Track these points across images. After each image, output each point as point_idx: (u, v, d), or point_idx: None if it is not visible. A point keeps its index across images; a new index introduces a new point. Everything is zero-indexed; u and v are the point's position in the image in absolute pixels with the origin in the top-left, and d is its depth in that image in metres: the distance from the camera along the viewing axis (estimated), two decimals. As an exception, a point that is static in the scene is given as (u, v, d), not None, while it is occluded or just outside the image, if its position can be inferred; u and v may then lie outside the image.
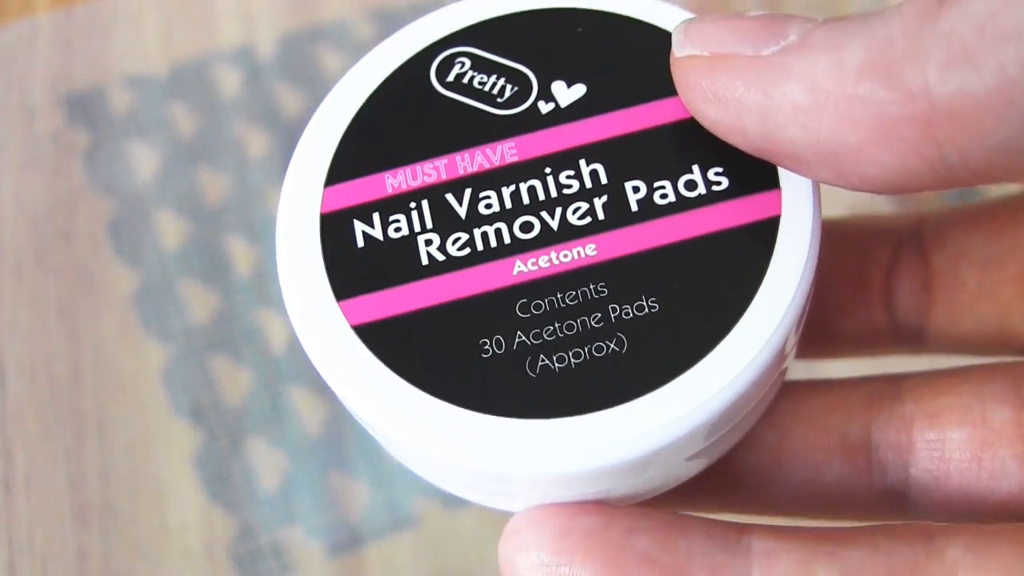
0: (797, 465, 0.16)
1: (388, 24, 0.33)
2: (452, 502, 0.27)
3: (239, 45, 0.33)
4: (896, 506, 0.16)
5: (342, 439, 0.28)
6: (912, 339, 0.18)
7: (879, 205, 0.28)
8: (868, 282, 0.18)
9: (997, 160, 0.11)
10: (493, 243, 0.14)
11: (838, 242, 0.18)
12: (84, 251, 0.30)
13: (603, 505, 0.14)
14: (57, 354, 0.29)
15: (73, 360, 0.29)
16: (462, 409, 0.13)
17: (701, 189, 0.14)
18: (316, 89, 0.32)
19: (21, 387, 0.28)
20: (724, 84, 0.13)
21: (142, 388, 0.29)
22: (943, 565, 0.13)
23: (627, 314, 0.13)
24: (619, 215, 0.14)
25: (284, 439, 0.28)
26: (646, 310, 0.13)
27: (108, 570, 0.26)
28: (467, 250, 0.14)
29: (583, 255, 0.14)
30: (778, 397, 0.16)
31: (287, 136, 0.32)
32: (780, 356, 0.13)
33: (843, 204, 0.22)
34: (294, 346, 0.29)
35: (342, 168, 0.15)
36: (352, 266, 0.14)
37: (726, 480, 0.16)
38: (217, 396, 0.29)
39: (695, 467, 0.15)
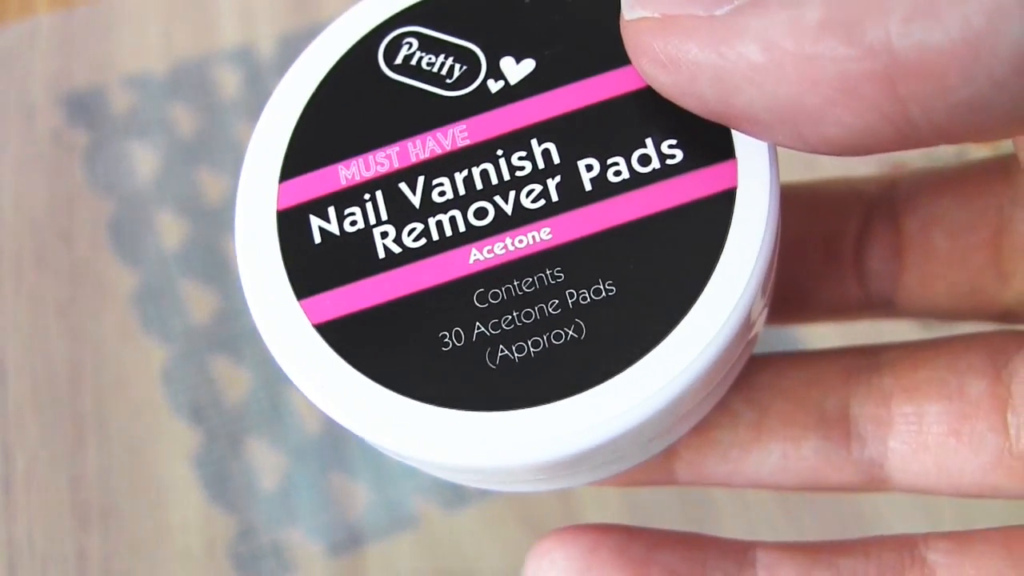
0: (776, 440, 0.16)
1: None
2: (452, 502, 0.27)
3: (239, 45, 0.33)
4: (874, 479, 0.16)
5: (342, 439, 0.28)
6: (884, 305, 0.18)
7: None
8: (839, 247, 0.18)
9: (962, 117, 0.11)
10: (448, 232, 0.14)
11: (809, 206, 0.18)
12: (84, 251, 0.30)
13: (625, 526, 0.15)
14: (57, 354, 0.29)
15: (73, 360, 0.29)
16: (425, 405, 0.13)
17: (655, 163, 0.14)
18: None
19: (21, 387, 0.29)
20: (677, 46, 0.12)
21: (142, 388, 0.29)
22: (925, 568, 0.14)
23: (584, 299, 0.13)
24: (573, 196, 0.14)
25: (284, 439, 0.28)
26: (603, 294, 0.13)
27: (108, 570, 0.26)
28: (423, 241, 0.14)
29: (538, 239, 0.13)
30: (756, 371, 0.16)
31: (287, 136, 0.32)
32: (743, 330, 0.13)
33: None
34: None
35: (295, 162, 0.14)
36: (311, 263, 0.14)
37: (706, 456, 0.16)
38: (217, 396, 0.29)
39: (664, 444, 0.15)
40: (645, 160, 0.14)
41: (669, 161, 0.14)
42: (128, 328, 0.29)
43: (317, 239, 0.14)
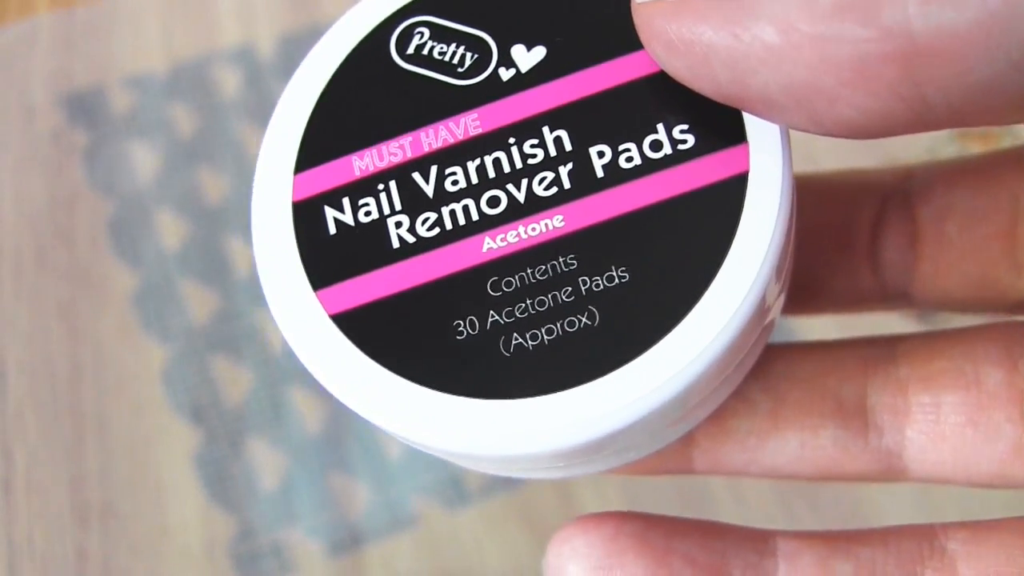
0: (793, 429, 0.16)
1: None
2: (452, 502, 0.27)
3: (239, 45, 0.33)
4: (891, 469, 0.16)
5: (342, 439, 0.28)
6: (899, 296, 0.18)
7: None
8: (854, 238, 0.18)
9: (978, 99, 0.11)
10: (461, 221, 0.14)
11: (823, 197, 0.18)
12: (84, 251, 0.30)
13: (645, 514, 0.15)
14: (57, 354, 0.29)
15: (73, 360, 0.29)
16: (440, 393, 0.13)
17: (667, 149, 0.14)
18: (316, 89, 0.33)
19: (21, 387, 0.29)
20: (690, 28, 0.12)
21: (142, 388, 0.29)
22: (944, 558, 0.14)
23: (597, 286, 0.13)
24: (585, 183, 0.14)
25: (284, 439, 0.28)
26: (616, 280, 0.13)
27: (108, 570, 0.26)
28: (436, 230, 0.14)
29: (551, 227, 0.13)
30: (772, 360, 0.16)
31: (287, 136, 0.32)
32: (758, 315, 0.13)
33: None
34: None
35: (310, 154, 0.14)
36: (326, 254, 0.14)
37: (723, 445, 0.16)
38: (217, 396, 0.28)
39: (680, 431, 0.15)
40: (657, 146, 0.14)
41: (681, 146, 0.14)
42: (128, 328, 0.29)
43: (332, 230, 0.14)
